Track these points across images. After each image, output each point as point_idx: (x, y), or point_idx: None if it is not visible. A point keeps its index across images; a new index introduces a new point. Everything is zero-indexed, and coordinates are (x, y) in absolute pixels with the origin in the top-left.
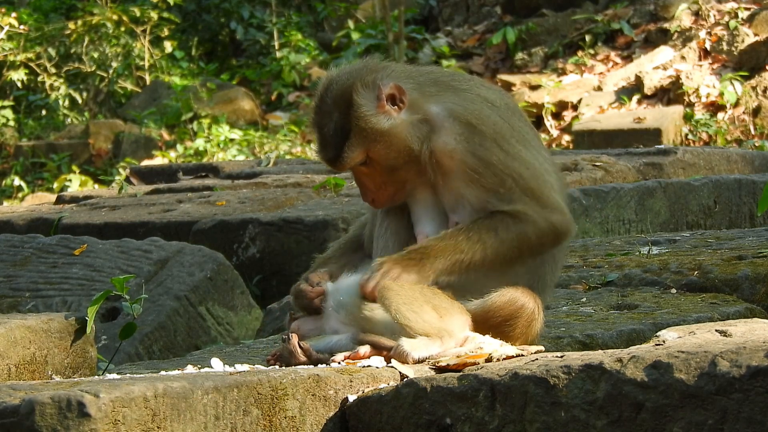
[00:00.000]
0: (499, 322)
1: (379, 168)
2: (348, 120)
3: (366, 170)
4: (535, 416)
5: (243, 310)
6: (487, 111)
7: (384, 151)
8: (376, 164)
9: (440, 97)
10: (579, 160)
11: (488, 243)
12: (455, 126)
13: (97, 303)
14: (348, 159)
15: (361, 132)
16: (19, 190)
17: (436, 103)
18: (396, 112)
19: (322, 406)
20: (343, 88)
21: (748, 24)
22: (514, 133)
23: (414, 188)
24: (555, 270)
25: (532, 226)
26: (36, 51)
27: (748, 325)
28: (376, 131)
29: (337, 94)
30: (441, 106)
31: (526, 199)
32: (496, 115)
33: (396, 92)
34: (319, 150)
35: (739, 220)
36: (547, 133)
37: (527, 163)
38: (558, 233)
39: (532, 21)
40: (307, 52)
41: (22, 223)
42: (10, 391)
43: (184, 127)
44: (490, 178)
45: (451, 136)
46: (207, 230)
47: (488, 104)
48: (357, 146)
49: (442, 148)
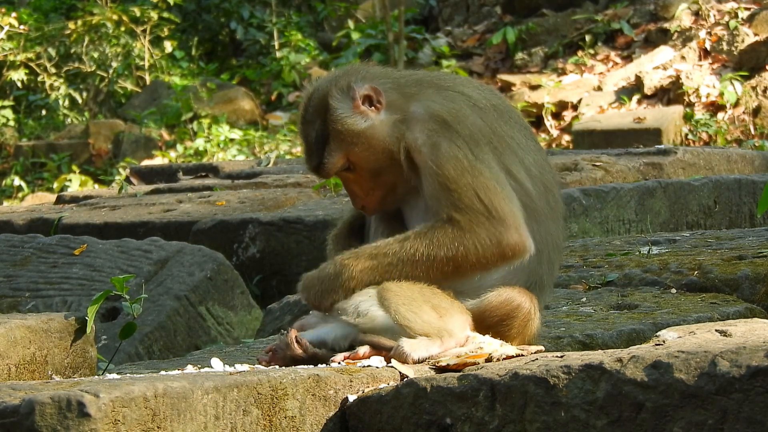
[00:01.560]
0: (496, 321)
1: (364, 172)
2: (326, 125)
3: (352, 176)
4: (535, 416)
5: (243, 310)
6: (466, 110)
7: (363, 154)
8: (359, 168)
9: (420, 96)
10: (579, 160)
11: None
12: (429, 122)
13: (97, 303)
14: (329, 165)
15: (338, 135)
16: (19, 190)
17: (415, 102)
18: (374, 113)
19: (322, 406)
20: (321, 95)
21: (748, 24)
22: (492, 137)
23: (407, 193)
24: (552, 270)
25: (473, 241)
26: (36, 51)
27: (748, 325)
28: (353, 132)
29: (316, 102)
30: (420, 104)
31: (476, 209)
32: (476, 115)
33: (372, 93)
34: (305, 160)
35: (739, 220)
36: (547, 133)
37: (490, 173)
38: (504, 251)
39: (532, 21)
40: (307, 52)
41: (22, 223)
42: (10, 391)
43: (184, 127)
44: (449, 173)
45: (423, 132)
46: (207, 230)
47: (470, 103)
48: (336, 151)
49: (413, 144)
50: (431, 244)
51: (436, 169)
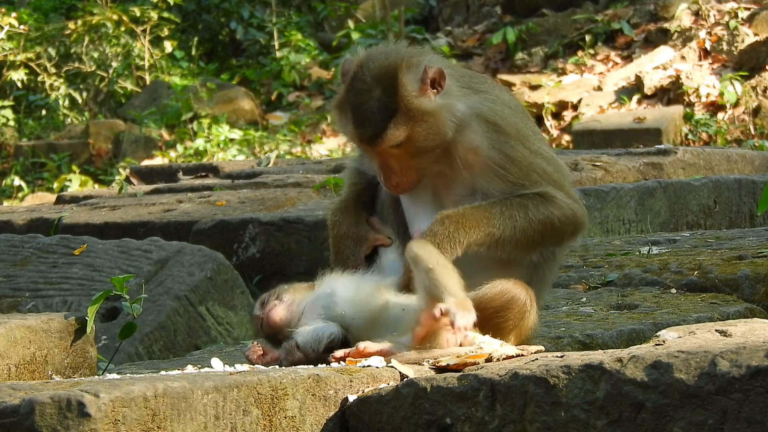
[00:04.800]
0: (491, 313)
1: (412, 151)
2: (394, 98)
3: (396, 152)
4: (535, 416)
5: (243, 310)
6: (507, 111)
7: (424, 133)
8: (409, 146)
9: (465, 93)
10: (579, 160)
11: (518, 220)
12: (480, 124)
13: (97, 303)
14: (390, 137)
15: (407, 111)
16: (19, 190)
17: (462, 98)
18: (434, 95)
19: (322, 406)
20: (387, 66)
21: (748, 24)
22: (531, 132)
23: (436, 175)
24: (553, 267)
25: (559, 210)
26: (36, 51)
27: (748, 325)
28: (422, 111)
29: (378, 73)
30: (465, 102)
31: (551, 186)
32: (514, 116)
33: (438, 76)
34: (356, 128)
35: (739, 220)
36: (547, 133)
37: (549, 159)
38: (577, 223)
39: (532, 21)
40: (307, 52)
41: (22, 223)
42: (10, 391)
43: (184, 127)
44: (516, 173)
45: (476, 134)
46: (207, 230)
47: (506, 106)
48: (401, 125)
49: (468, 145)
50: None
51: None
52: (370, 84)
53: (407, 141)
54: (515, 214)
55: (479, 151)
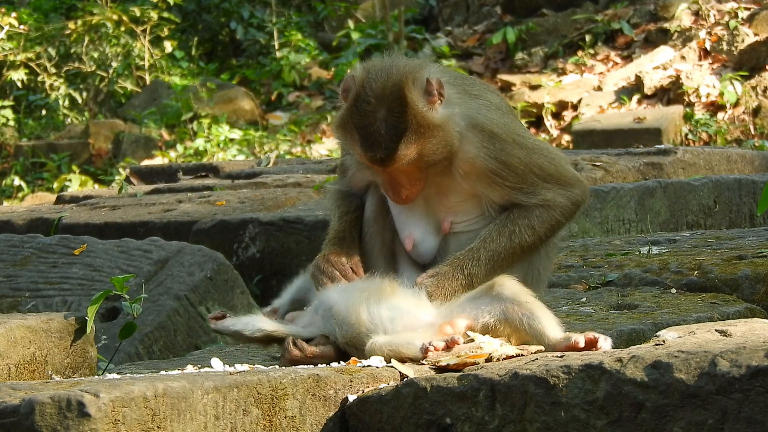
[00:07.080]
0: None
1: (422, 164)
2: (402, 117)
3: (406, 168)
4: (535, 416)
5: (243, 310)
6: (500, 116)
7: (434, 147)
8: (419, 160)
9: (463, 99)
10: (579, 160)
11: (527, 241)
12: (476, 134)
13: (97, 303)
14: (402, 156)
15: (418, 129)
16: (19, 190)
17: (461, 105)
18: (439, 106)
19: (322, 405)
20: (391, 85)
21: (748, 24)
22: (522, 130)
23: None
24: (548, 264)
25: (560, 211)
26: (36, 51)
27: (748, 325)
28: (432, 126)
29: (383, 93)
30: (463, 110)
31: (549, 186)
32: (505, 118)
33: (438, 87)
34: (365, 150)
35: (739, 220)
36: (547, 133)
37: (543, 151)
38: (579, 204)
39: (532, 21)
40: (307, 52)
41: (22, 223)
42: (10, 391)
43: (184, 127)
44: (513, 179)
45: (473, 144)
46: (207, 230)
47: (498, 110)
48: (411, 143)
49: (465, 156)
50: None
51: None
52: (374, 105)
53: (418, 157)
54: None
55: (477, 161)
